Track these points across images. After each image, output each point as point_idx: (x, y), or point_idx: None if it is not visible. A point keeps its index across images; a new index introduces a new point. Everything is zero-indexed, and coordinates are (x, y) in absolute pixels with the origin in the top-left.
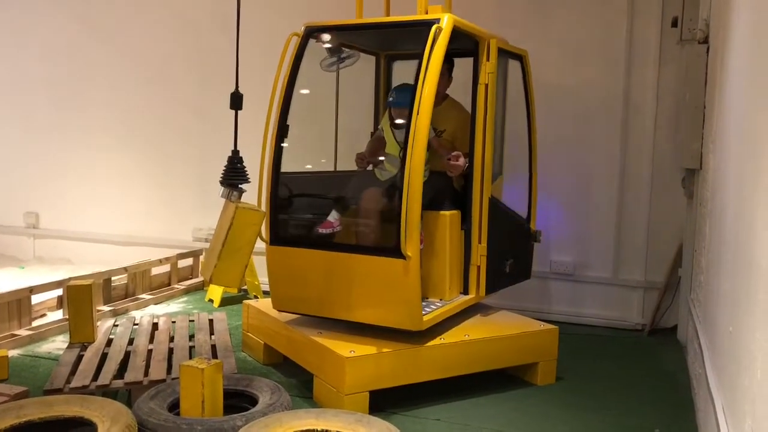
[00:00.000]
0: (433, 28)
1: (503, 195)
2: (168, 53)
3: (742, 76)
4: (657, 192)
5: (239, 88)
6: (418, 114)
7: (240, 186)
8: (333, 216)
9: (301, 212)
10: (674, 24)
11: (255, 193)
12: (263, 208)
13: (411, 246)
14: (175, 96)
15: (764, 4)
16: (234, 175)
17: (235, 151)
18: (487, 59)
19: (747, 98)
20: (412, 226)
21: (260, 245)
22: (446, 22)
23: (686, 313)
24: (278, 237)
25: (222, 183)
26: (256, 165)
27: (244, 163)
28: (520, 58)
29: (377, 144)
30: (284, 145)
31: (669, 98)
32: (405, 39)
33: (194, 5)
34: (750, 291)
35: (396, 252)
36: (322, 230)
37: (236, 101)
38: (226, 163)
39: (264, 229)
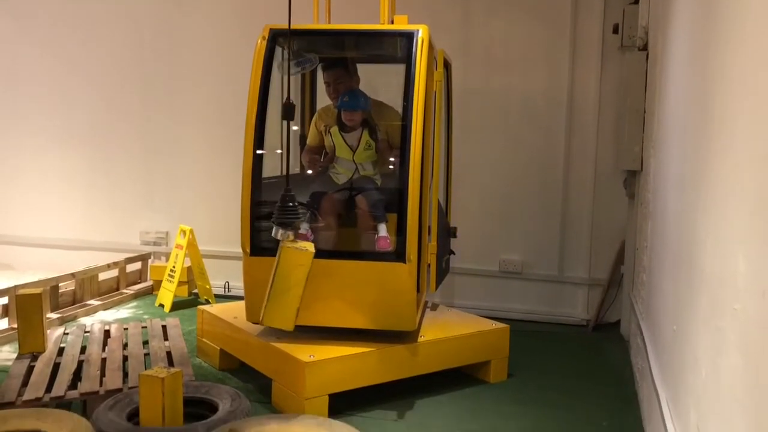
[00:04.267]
0: (419, 39)
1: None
2: (108, 51)
3: (680, 85)
4: (599, 193)
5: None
6: (413, 123)
7: (292, 225)
8: (304, 228)
9: None
10: (615, 31)
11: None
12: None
13: (412, 250)
14: (115, 95)
15: (700, 15)
16: (284, 214)
17: (287, 190)
18: (435, 68)
19: (685, 107)
20: (413, 231)
21: (210, 247)
22: (424, 33)
23: (629, 308)
24: (259, 247)
25: (272, 222)
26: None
27: (296, 202)
28: (448, 66)
29: (318, 146)
30: (261, 151)
31: (610, 102)
32: (369, 46)
33: (135, 3)
34: (693, 293)
35: (400, 257)
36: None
37: (288, 111)
38: (278, 202)
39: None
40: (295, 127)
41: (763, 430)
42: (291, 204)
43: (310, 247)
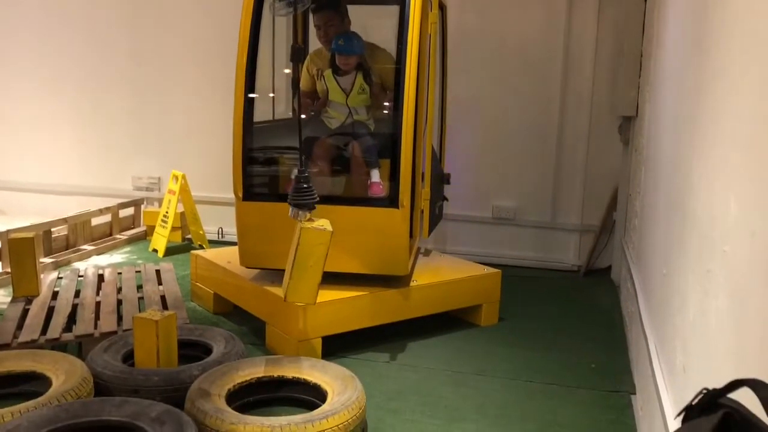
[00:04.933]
0: None
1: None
2: None
3: (678, 28)
4: (594, 138)
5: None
6: (407, 69)
7: (309, 206)
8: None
9: (274, 165)
10: None
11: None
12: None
13: (405, 195)
14: (105, 38)
15: None
16: (299, 195)
17: (302, 170)
18: (431, 9)
19: (684, 52)
20: (406, 176)
21: (202, 193)
22: None
23: (620, 254)
24: (251, 192)
25: (289, 203)
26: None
27: (311, 183)
28: (443, 8)
29: (311, 91)
30: (253, 95)
31: (607, 47)
32: None
33: None
34: (684, 237)
35: (393, 202)
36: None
37: (297, 54)
38: (293, 183)
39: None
40: (286, 71)
41: (747, 370)
42: (306, 185)
43: (327, 225)
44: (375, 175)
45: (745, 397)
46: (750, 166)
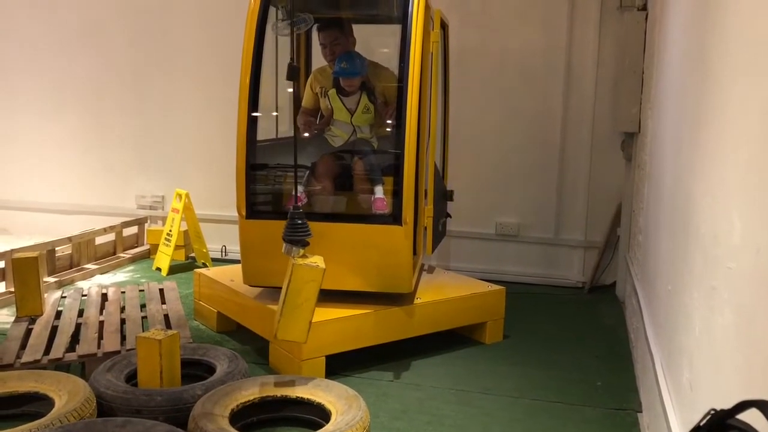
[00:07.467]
0: None
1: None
2: (97, 11)
3: (679, 45)
4: (597, 155)
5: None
6: (409, 89)
7: (302, 242)
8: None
9: (277, 183)
10: None
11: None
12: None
13: (408, 213)
14: (109, 58)
15: None
16: (293, 231)
17: (296, 207)
18: (432, 29)
19: (683, 68)
20: (409, 193)
21: (206, 211)
22: None
23: (624, 270)
24: (255, 210)
25: (284, 239)
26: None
27: (305, 219)
28: (444, 26)
29: (314, 108)
30: (256, 114)
31: (609, 63)
32: (365, 6)
33: None
34: (688, 253)
35: (396, 219)
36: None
37: (293, 73)
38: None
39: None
40: (289, 89)
41: (754, 387)
42: (300, 221)
43: (320, 262)
44: (379, 191)
45: (754, 418)
46: (753, 183)
